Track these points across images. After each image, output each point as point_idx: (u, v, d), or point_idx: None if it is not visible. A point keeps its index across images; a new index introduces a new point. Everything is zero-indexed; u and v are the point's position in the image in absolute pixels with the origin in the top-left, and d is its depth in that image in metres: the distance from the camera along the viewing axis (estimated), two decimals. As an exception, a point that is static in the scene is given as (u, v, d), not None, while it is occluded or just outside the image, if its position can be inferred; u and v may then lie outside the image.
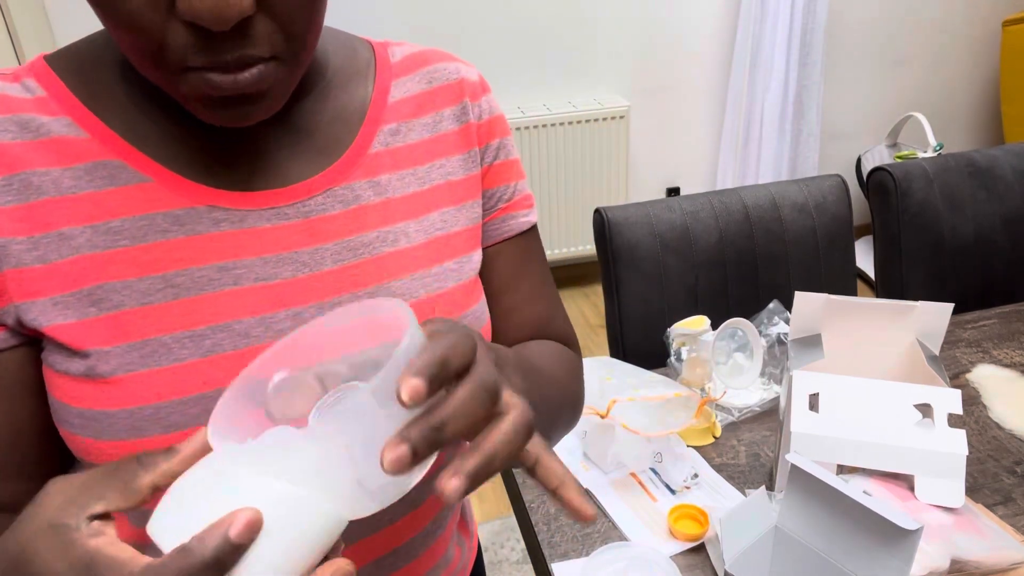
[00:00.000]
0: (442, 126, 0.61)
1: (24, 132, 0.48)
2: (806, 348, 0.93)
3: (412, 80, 0.61)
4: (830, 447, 0.82)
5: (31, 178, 0.48)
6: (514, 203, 0.65)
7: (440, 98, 0.61)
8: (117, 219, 0.49)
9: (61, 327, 0.47)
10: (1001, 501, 0.88)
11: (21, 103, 0.49)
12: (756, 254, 1.41)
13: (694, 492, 0.92)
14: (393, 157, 0.58)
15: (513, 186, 0.65)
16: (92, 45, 0.52)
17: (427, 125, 0.60)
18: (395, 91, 0.60)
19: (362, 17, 2.53)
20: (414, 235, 0.57)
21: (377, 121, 0.58)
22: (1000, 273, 1.52)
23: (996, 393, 1.08)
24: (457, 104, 0.62)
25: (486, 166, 0.63)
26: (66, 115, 0.49)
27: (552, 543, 0.86)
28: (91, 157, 0.49)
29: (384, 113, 0.59)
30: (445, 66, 0.63)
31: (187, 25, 0.42)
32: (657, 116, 2.97)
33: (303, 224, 0.53)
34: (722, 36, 2.89)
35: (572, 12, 2.71)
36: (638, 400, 0.94)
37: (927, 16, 3.07)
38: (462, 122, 0.62)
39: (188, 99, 0.46)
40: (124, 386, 0.47)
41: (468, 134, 0.62)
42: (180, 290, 0.49)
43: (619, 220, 1.35)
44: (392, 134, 0.58)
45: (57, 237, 0.48)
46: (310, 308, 0.52)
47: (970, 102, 3.31)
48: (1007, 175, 1.52)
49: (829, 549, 0.69)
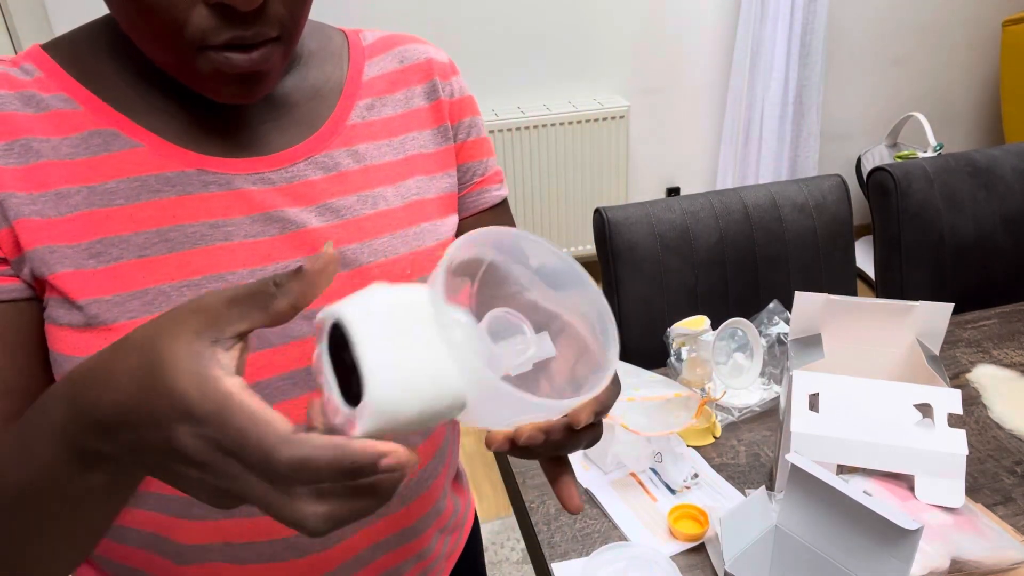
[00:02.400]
0: (414, 102, 0.66)
1: (26, 106, 0.52)
2: (806, 348, 0.93)
3: (384, 59, 0.66)
4: (830, 447, 0.82)
5: (32, 143, 0.51)
6: (487, 178, 0.71)
7: (411, 76, 0.66)
8: (112, 181, 0.52)
9: (65, 275, 0.50)
10: (1001, 501, 0.88)
11: (23, 83, 0.52)
12: (756, 254, 1.41)
13: (694, 492, 0.92)
14: (369, 129, 0.62)
15: (485, 162, 0.70)
16: (85, 33, 0.56)
17: (400, 101, 0.65)
18: (369, 70, 0.65)
19: (362, 14, 2.54)
20: (392, 199, 0.61)
21: (353, 96, 0.62)
22: (1000, 273, 1.52)
23: (996, 393, 1.08)
24: (427, 82, 0.67)
25: (460, 142, 0.68)
26: (62, 91, 0.53)
27: (552, 543, 0.86)
28: (86, 127, 0.52)
29: (360, 90, 0.63)
30: (416, 47, 0.68)
31: (211, 7, 0.46)
32: (657, 116, 2.97)
33: (287, 188, 0.56)
34: (722, 36, 2.89)
35: (572, 12, 2.71)
36: (638, 400, 0.94)
37: (927, 16, 3.07)
38: (432, 99, 0.67)
39: (202, 77, 0.49)
40: (127, 332, 0.48)
41: (440, 110, 0.67)
42: (174, 244, 0.52)
43: (619, 220, 1.35)
44: (368, 108, 0.63)
45: (55, 196, 0.51)
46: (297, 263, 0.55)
47: (970, 102, 3.31)
48: (1007, 175, 1.52)
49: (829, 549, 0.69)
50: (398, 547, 0.68)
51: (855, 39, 3.03)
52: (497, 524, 1.99)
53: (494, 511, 2.04)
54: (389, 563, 0.67)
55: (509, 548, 1.91)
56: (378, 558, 0.66)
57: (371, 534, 0.65)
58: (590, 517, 0.90)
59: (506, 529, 1.97)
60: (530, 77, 2.77)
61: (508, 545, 1.92)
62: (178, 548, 0.59)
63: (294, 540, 0.60)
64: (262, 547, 0.59)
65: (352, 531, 0.63)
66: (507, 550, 1.91)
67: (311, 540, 0.61)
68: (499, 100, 2.76)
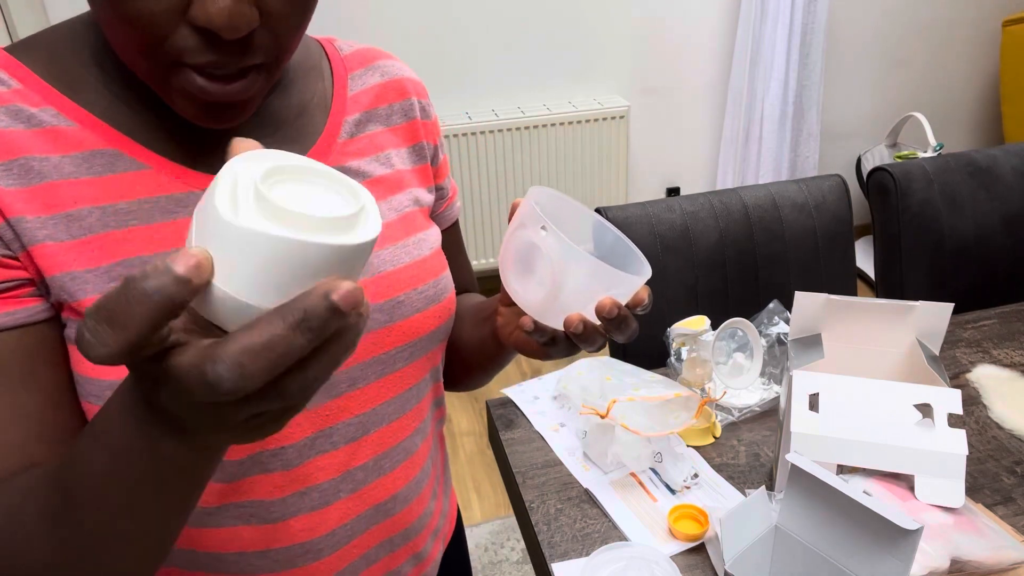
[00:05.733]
0: (393, 119, 0.66)
1: (16, 120, 0.49)
2: (806, 348, 0.93)
3: (366, 74, 0.66)
4: (830, 447, 0.82)
5: (31, 163, 0.49)
6: (452, 195, 0.75)
7: (391, 92, 0.67)
8: (123, 201, 0.50)
9: (87, 302, 0.49)
10: (1001, 501, 0.88)
11: (4, 95, 0.49)
12: (756, 254, 1.41)
13: (694, 492, 0.92)
14: (357, 144, 0.63)
15: (448, 181, 0.74)
16: (64, 36, 0.53)
17: (382, 117, 0.66)
18: (353, 84, 0.65)
19: (360, 17, 2.53)
20: (387, 212, 0.62)
21: (341, 112, 0.63)
22: (1000, 273, 1.52)
23: (996, 393, 1.08)
24: (403, 99, 0.67)
25: (437, 163, 0.71)
26: (49, 105, 0.50)
27: (552, 543, 0.86)
28: (87, 146, 0.50)
29: (346, 104, 0.63)
30: (392, 63, 0.69)
31: (195, 29, 0.44)
32: (657, 116, 2.97)
33: None
34: (722, 36, 2.89)
35: (572, 12, 2.71)
36: (638, 400, 0.94)
37: (927, 16, 3.07)
38: (409, 117, 0.67)
39: (174, 94, 0.47)
40: None
41: (415, 129, 0.68)
42: None
43: (619, 220, 1.35)
44: (356, 124, 0.63)
45: (65, 218, 0.49)
46: None
47: (970, 102, 3.31)
48: (1007, 175, 1.51)
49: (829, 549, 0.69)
50: (400, 547, 0.69)
51: (855, 39, 3.03)
52: (497, 524, 1.99)
53: (494, 511, 2.04)
54: (392, 564, 0.68)
55: (509, 548, 1.91)
56: (382, 558, 0.67)
57: (376, 534, 0.65)
58: (590, 517, 0.90)
59: (506, 529, 1.97)
60: (530, 77, 2.77)
61: (508, 545, 1.92)
62: (193, 556, 0.59)
63: (309, 544, 0.60)
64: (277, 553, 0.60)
65: (357, 532, 0.64)
66: (507, 550, 1.91)
67: (321, 544, 0.61)
68: (499, 100, 2.76)
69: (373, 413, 0.62)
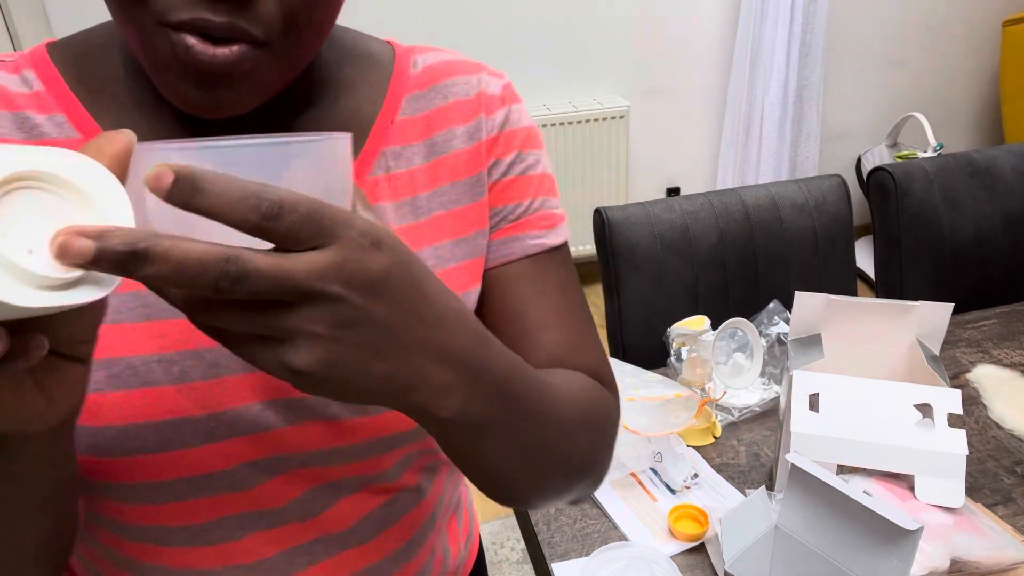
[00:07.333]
0: (453, 145, 0.56)
1: (18, 131, 0.47)
2: (806, 348, 0.93)
3: (427, 96, 0.56)
4: (830, 447, 0.82)
5: None
6: (523, 222, 0.58)
7: (455, 115, 0.56)
8: None
9: None
10: (1001, 501, 0.88)
11: (17, 98, 0.47)
12: (756, 254, 1.41)
13: (694, 492, 0.92)
14: (392, 184, 0.54)
15: (527, 204, 0.58)
16: (96, 38, 0.50)
17: (434, 146, 0.55)
18: (406, 107, 0.55)
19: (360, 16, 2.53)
20: None
21: (380, 141, 0.54)
22: (1000, 273, 1.52)
23: (996, 393, 1.08)
24: (471, 121, 0.56)
25: (492, 183, 0.57)
26: (61, 112, 0.48)
27: (552, 543, 0.86)
28: None
29: (389, 132, 0.54)
30: (467, 79, 0.57)
31: None
32: (657, 116, 2.97)
33: None
34: (722, 36, 2.89)
35: (572, 12, 2.71)
36: (638, 400, 0.94)
37: (927, 16, 3.07)
38: (474, 140, 0.56)
39: (160, 65, 0.42)
40: (89, 404, 0.46)
41: (478, 154, 0.56)
42: (152, 311, 0.47)
43: (619, 220, 1.35)
44: (395, 157, 0.54)
45: None
46: None
47: (970, 102, 3.31)
48: (1007, 175, 1.52)
49: (829, 549, 0.69)
50: None
51: (855, 39, 3.03)
52: (497, 524, 1.99)
53: (494, 511, 2.04)
54: None
55: (509, 548, 1.92)
56: None
57: None
58: (590, 517, 0.90)
59: (506, 529, 1.97)
60: (530, 77, 2.77)
61: (508, 545, 1.92)
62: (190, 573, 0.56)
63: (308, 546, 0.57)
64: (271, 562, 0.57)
65: None
66: (507, 550, 1.91)
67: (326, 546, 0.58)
68: (499, 100, 2.76)
69: None
